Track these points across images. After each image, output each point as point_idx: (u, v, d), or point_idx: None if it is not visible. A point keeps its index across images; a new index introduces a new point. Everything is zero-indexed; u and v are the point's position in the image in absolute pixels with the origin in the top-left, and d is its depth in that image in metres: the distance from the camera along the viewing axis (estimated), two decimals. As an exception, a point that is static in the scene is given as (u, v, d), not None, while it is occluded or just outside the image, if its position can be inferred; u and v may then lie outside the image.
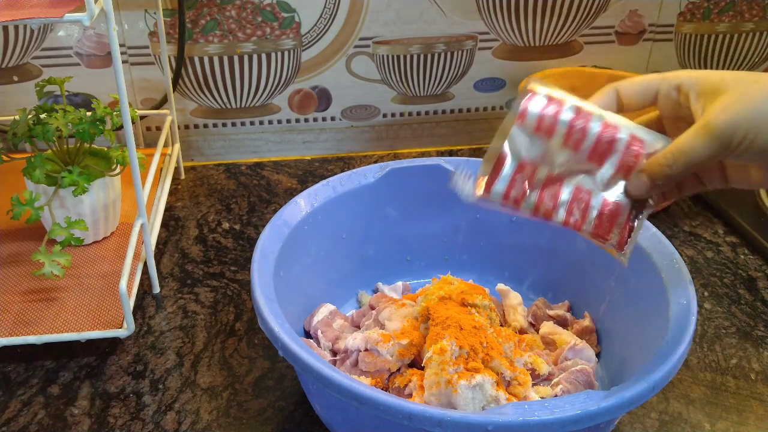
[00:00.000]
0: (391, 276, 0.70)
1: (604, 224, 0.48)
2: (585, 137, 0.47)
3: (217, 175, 0.94)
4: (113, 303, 0.67)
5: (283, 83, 0.95)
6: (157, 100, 0.93)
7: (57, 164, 0.72)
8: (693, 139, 0.44)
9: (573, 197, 0.48)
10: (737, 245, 0.81)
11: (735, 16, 1.00)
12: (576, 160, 0.48)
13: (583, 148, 0.47)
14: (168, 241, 0.80)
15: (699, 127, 0.44)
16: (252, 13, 0.90)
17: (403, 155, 1.01)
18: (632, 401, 0.44)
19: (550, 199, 0.48)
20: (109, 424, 0.58)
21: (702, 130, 0.44)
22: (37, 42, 0.88)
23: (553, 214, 0.48)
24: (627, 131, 0.48)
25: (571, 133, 0.47)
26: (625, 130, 0.48)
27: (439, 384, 0.51)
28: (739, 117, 0.43)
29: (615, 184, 0.48)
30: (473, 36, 0.96)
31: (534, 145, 0.48)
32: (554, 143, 0.47)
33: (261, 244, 0.57)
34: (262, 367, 0.63)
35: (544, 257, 0.68)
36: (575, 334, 0.63)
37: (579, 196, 0.48)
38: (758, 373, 0.64)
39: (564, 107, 0.47)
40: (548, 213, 0.48)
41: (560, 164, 0.48)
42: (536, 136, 0.48)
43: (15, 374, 0.62)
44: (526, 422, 0.42)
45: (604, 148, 0.47)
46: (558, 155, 0.48)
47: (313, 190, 0.65)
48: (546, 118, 0.47)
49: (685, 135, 0.45)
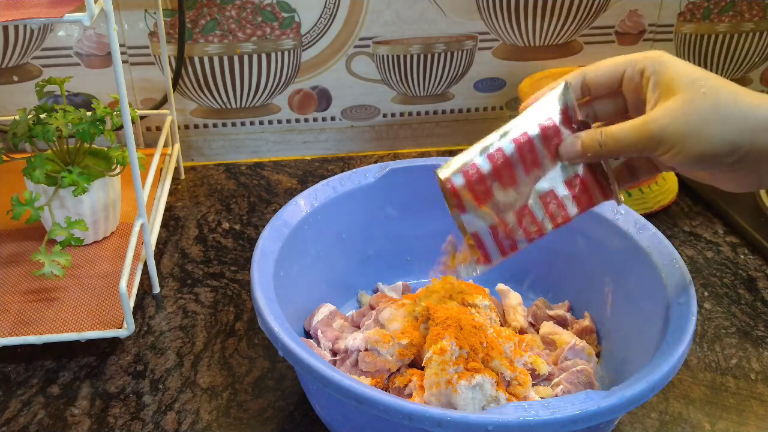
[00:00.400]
0: (391, 276, 0.70)
1: (583, 199, 0.50)
2: (512, 164, 0.49)
3: (217, 175, 0.94)
4: (113, 303, 0.67)
5: (283, 83, 0.95)
6: (157, 100, 0.93)
7: (57, 164, 0.72)
8: (629, 131, 0.45)
9: (544, 206, 0.50)
10: (737, 245, 0.81)
11: (735, 16, 1.00)
12: (523, 184, 0.49)
13: (519, 172, 0.49)
14: (168, 241, 0.80)
15: (639, 123, 0.45)
16: (252, 13, 0.90)
17: (403, 155, 1.01)
18: (632, 401, 0.44)
19: (531, 224, 0.50)
20: (109, 424, 0.58)
21: (640, 126, 0.45)
22: (37, 42, 0.88)
23: (543, 229, 0.50)
24: (532, 123, 0.49)
25: (500, 173, 0.49)
26: (531, 124, 0.49)
27: (439, 384, 0.51)
28: (673, 127, 0.44)
29: (557, 174, 0.50)
30: (473, 36, 0.96)
31: (485, 213, 0.50)
32: (498, 195, 0.49)
33: (261, 244, 0.57)
34: (262, 367, 0.63)
35: (544, 257, 0.68)
36: (575, 334, 0.63)
37: (547, 201, 0.50)
38: (758, 373, 0.64)
39: (475, 160, 0.49)
40: (539, 232, 0.51)
41: (516, 199, 0.50)
42: (480, 207, 0.50)
43: (15, 374, 0.62)
44: (526, 422, 0.42)
45: (531, 155, 0.49)
46: (508, 196, 0.50)
47: (313, 190, 0.65)
48: (475, 184, 0.49)
49: (625, 124, 0.46)
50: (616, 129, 0.46)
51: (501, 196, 0.50)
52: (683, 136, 0.43)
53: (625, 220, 0.62)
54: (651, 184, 0.86)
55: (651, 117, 0.45)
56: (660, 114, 0.44)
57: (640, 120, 0.45)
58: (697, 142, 0.43)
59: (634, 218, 0.62)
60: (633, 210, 0.63)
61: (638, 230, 0.60)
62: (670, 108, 0.44)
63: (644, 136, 0.45)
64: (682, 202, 0.89)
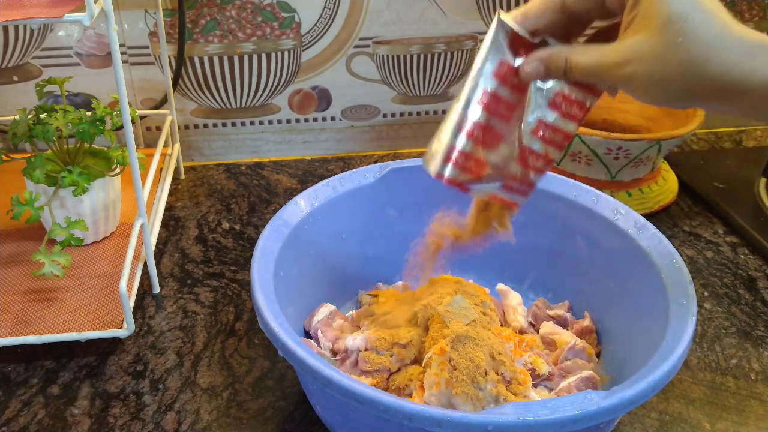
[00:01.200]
0: (391, 276, 0.70)
1: (574, 111, 0.48)
2: (489, 126, 0.47)
3: (217, 175, 0.94)
4: (113, 303, 0.67)
5: (283, 83, 0.95)
6: (157, 100, 0.93)
7: (57, 164, 0.72)
8: (595, 67, 0.43)
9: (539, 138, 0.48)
10: (737, 245, 0.81)
11: (735, 17, 0.99)
12: (510, 133, 0.48)
13: (500, 128, 0.47)
14: (168, 241, 0.80)
15: (605, 62, 0.43)
16: (252, 13, 0.90)
17: (403, 155, 1.01)
18: (632, 401, 0.44)
19: (536, 160, 0.49)
20: (109, 424, 0.58)
21: (606, 67, 0.43)
22: (37, 42, 0.88)
23: (550, 158, 0.49)
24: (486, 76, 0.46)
25: (483, 140, 0.47)
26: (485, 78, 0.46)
27: (439, 384, 0.51)
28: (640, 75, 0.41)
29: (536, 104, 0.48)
30: (473, 36, 0.96)
31: (489, 177, 0.49)
32: (492, 158, 0.48)
33: (261, 244, 0.57)
34: (262, 367, 0.63)
35: (544, 257, 0.68)
36: (575, 334, 0.63)
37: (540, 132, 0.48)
38: (758, 373, 0.64)
39: (455, 143, 0.47)
40: (547, 162, 0.49)
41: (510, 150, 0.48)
42: (481, 178, 0.48)
43: (15, 374, 0.62)
44: (526, 422, 0.42)
45: (502, 105, 0.47)
46: (502, 152, 0.48)
47: (313, 190, 0.65)
48: (464, 163, 0.48)
49: (591, 57, 0.43)
50: (583, 61, 0.44)
51: (495, 156, 0.48)
52: (648, 86, 0.42)
53: (625, 220, 0.62)
54: (651, 184, 0.86)
55: (619, 57, 0.42)
56: (629, 55, 0.41)
57: (608, 58, 0.43)
58: (662, 92, 0.42)
59: (634, 218, 0.62)
60: (633, 210, 0.63)
61: (638, 230, 0.60)
62: (639, 51, 0.41)
63: (609, 77, 0.43)
64: (682, 202, 0.89)
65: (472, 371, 0.50)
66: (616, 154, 0.80)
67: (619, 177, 0.84)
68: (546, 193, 0.67)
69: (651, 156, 0.81)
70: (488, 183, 0.49)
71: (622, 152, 0.80)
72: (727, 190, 0.89)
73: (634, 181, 0.85)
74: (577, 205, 0.65)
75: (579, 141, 0.80)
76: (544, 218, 0.67)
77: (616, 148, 0.79)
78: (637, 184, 0.85)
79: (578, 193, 0.66)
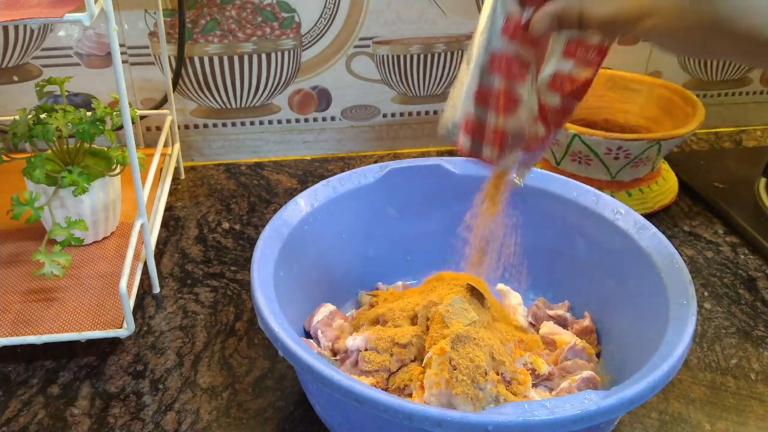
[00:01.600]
0: (391, 276, 0.70)
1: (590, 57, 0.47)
2: (506, 91, 0.46)
3: (217, 175, 0.94)
4: (113, 303, 0.67)
5: (283, 83, 0.95)
6: (157, 100, 0.93)
7: (57, 164, 0.72)
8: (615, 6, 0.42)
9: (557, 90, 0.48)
10: (737, 245, 0.81)
11: None
12: (527, 92, 0.47)
13: (516, 88, 0.47)
14: (168, 241, 0.80)
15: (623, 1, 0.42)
16: (252, 13, 0.90)
17: (403, 155, 1.01)
18: (632, 401, 0.44)
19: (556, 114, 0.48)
20: (109, 424, 0.58)
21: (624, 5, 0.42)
22: (37, 42, 0.88)
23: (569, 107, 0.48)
24: (494, 36, 0.46)
25: (502, 105, 0.46)
26: (494, 38, 0.46)
27: (439, 384, 0.51)
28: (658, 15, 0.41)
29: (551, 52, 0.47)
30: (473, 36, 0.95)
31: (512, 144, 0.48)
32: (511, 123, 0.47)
33: (261, 244, 0.57)
34: (262, 367, 0.63)
35: (544, 257, 0.68)
36: (575, 334, 0.63)
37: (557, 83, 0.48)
38: (758, 373, 0.64)
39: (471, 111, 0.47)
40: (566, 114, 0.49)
41: (530, 110, 0.48)
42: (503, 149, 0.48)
43: (15, 374, 0.62)
44: (526, 422, 0.42)
45: (515, 64, 0.46)
46: (521, 115, 0.48)
47: (313, 190, 0.65)
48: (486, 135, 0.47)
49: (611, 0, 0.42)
50: (602, 13, 0.42)
51: (513, 121, 0.47)
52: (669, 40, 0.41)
53: (625, 220, 0.62)
54: (651, 184, 0.86)
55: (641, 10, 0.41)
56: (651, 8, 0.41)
57: (628, 11, 0.42)
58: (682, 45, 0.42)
59: (634, 218, 0.62)
60: (633, 210, 0.63)
61: (638, 230, 0.60)
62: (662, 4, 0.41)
63: (629, 29, 0.42)
64: (682, 202, 0.89)
65: (472, 371, 0.50)
66: (616, 154, 0.80)
67: (619, 177, 0.84)
68: (546, 193, 0.67)
69: (651, 156, 0.81)
70: (511, 154, 0.48)
71: (622, 152, 0.80)
72: (727, 190, 0.89)
73: (634, 181, 0.85)
74: (577, 205, 0.65)
75: (579, 141, 0.80)
76: (544, 218, 0.67)
77: (616, 148, 0.79)
78: (637, 184, 0.85)
79: (578, 193, 0.66)
